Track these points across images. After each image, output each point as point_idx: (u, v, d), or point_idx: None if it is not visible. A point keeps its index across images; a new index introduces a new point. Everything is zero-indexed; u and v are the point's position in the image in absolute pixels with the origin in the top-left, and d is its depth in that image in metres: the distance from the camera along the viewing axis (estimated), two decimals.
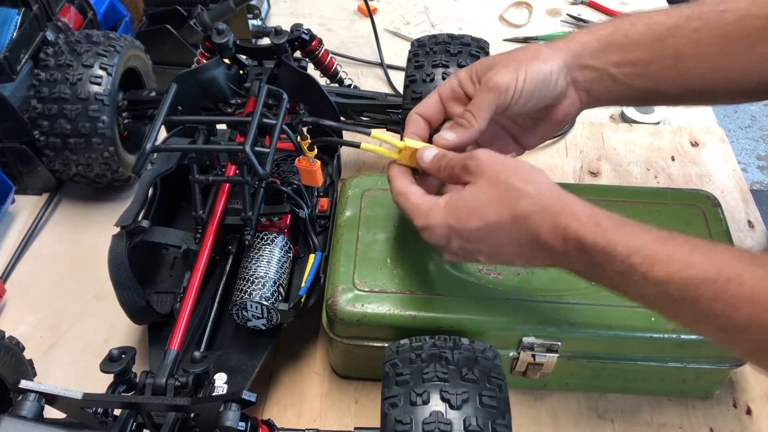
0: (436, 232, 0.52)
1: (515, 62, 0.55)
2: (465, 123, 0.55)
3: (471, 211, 0.50)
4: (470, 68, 0.57)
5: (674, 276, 0.41)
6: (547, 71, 0.55)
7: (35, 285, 0.76)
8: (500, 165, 0.50)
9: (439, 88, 0.58)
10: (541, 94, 0.56)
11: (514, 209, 0.48)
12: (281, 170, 0.69)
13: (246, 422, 0.49)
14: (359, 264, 0.62)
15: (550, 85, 0.56)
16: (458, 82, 0.57)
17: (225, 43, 0.70)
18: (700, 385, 0.63)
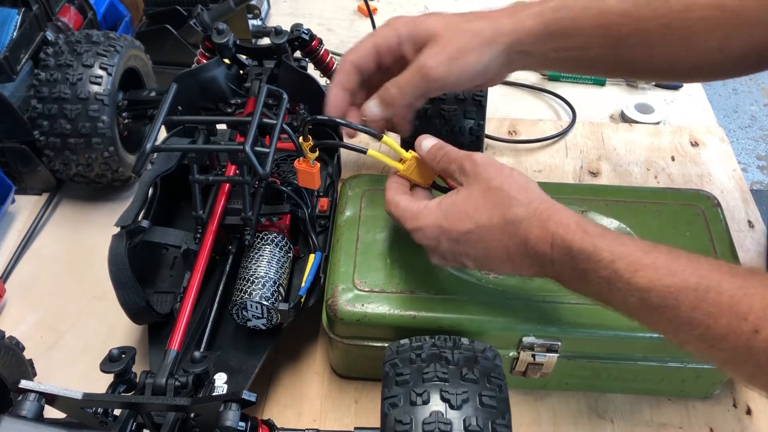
0: (427, 233, 0.53)
1: (455, 49, 0.55)
2: (389, 99, 0.57)
3: (463, 213, 0.51)
4: (412, 28, 0.58)
5: (656, 283, 0.42)
6: (483, 64, 0.56)
7: (35, 285, 0.76)
8: (495, 171, 0.52)
9: (376, 38, 0.59)
10: (475, 80, 0.58)
11: (505, 214, 0.49)
12: (281, 170, 0.69)
13: (246, 422, 0.49)
14: (359, 264, 0.62)
15: (483, 75, 0.57)
16: (398, 40, 0.58)
17: (225, 43, 0.70)
18: (700, 385, 0.63)
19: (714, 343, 0.41)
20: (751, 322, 0.38)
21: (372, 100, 0.58)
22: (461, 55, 0.55)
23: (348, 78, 0.60)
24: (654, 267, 0.43)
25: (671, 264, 0.43)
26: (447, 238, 0.52)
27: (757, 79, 2.48)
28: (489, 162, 0.52)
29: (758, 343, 0.38)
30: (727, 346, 0.40)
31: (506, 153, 0.92)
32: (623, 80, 1.04)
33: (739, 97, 2.41)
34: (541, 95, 1.02)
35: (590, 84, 1.04)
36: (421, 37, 0.57)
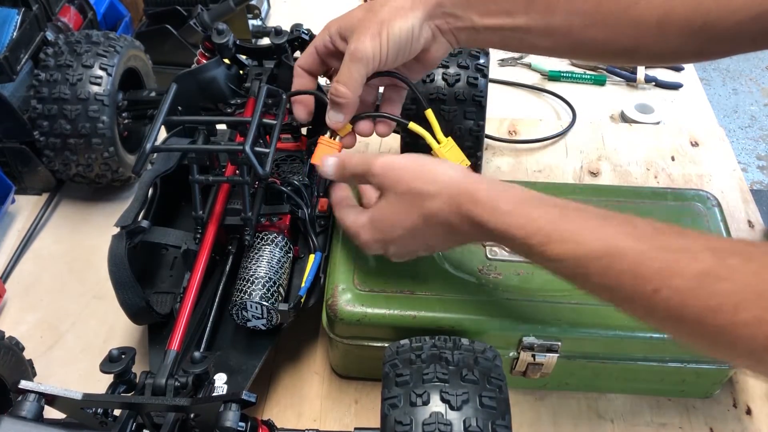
0: (373, 247, 0.57)
1: (376, 24, 0.56)
2: (341, 100, 0.58)
3: (389, 222, 0.54)
4: (338, 24, 0.59)
5: (566, 255, 0.45)
6: (408, 29, 0.56)
7: (35, 285, 0.76)
8: (399, 173, 0.53)
9: (315, 42, 0.62)
10: (406, 50, 0.57)
11: (422, 212, 0.52)
12: (281, 170, 0.69)
13: (246, 422, 0.49)
14: (359, 264, 0.62)
15: (413, 41, 0.57)
16: (330, 38, 0.60)
17: (225, 43, 0.70)
18: (700, 385, 0.63)
19: (623, 303, 0.44)
20: (652, 284, 0.41)
21: (329, 110, 0.60)
22: (384, 28, 0.55)
23: (303, 81, 0.63)
24: (562, 240, 0.45)
25: (578, 233, 0.45)
26: (390, 245, 0.56)
27: (758, 79, 2.48)
28: (390, 166, 0.54)
29: (658, 302, 0.41)
30: (633, 306, 0.43)
31: (506, 153, 0.92)
32: (623, 80, 1.04)
33: (739, 97, 2.41)
34: (541, 95, 1.02)
35: (590, 84, 1.04)
36: (348, 29, 0.58)
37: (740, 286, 0.38)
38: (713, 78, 2.48)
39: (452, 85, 0.73)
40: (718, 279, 0.38)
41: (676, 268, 0.40)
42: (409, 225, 0.53)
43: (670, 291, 0.40)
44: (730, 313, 0.37)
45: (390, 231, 0.54)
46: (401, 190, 0.53)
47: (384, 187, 0.54)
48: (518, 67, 1.07)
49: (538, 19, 0.55)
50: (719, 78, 2.48)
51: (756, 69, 2.51)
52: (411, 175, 0.53)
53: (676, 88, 1.03)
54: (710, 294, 0.38)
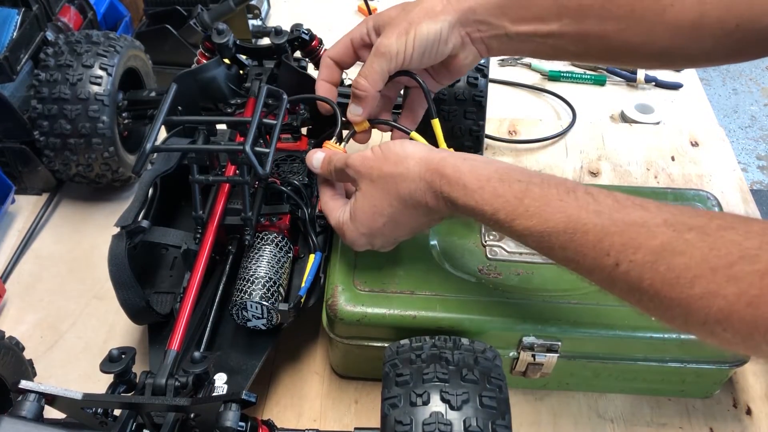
0: (359, 242, 0.57)
1: (406, 23, 0.56)
2: (362, 94, 0.59)
3: (369, 213, 0.55)
4: (377, 18, 0.60)
5: (531, 230, 0.47)
6: (436, 31, 0.56)
7: (35, 285, 0.76)
8: (371, 161, 0.54)
9: (351, 34, 0.62)
10: (432, 52, 0.58)
11: (398, 195, 0.53)
12: (281, 170, 0.69)
13: (246, 422, 0.49)
14: (359, 264, 0.62)
15: (440, 44, 0.57)
16: (367, 31, 0.61)
17: (225, 43, 0.70)
18: (700, 385, 0.63)
19: (587, 275, 0.45)
20: (612, 257, 0.42)
21: (351, 103, 0.61)
22: (412, 28, 0.56)
23: (330, 72, 0.64)
24: (528, 215, 0.47)
25: (542, 209, 0.46)
26: (375, 237, 0.56)
27: (758, 79, 2.48)
28: (362, 157, 0.55)
29: (619, 275, 0.42)
30: (596, 278, 0.45)
31: (506, 153, 0.92)
32: (623, 80, 1.04)
33: (739, 97, 2.41)
34: (541, 95, 1.02)
35: (590, 84, 1.04)
36: (381, 25, 0.59)
37: (696, 261, 0.39)
38: (713, 78, 2.48)
39: (452, 84, 0.73)
40: (674, 253, 0.40)
41: (635, 243, 0.41)
42: (389, 211, 0.54)
43: (630, 265, 0.41)
44: (685, 287, 0.39)
45: (371, 222, 0.55)
46: (374, 177, 0.54)
47: (359, 177, 0.55)
48: (518, 67, 1.07)
49: (571, 24, 0.55)
50: (719, 78, 2.48)
51: (756, 69, 2.51)
52: (380, 162, 0.54)
53: (676, 88, 1.03)
54: (668, 267, 0.40)
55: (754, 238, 0.38)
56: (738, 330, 0.37)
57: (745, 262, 0.37)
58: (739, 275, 0.37)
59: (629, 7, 0.54)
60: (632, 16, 0.54)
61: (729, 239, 0.38)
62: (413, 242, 0.64)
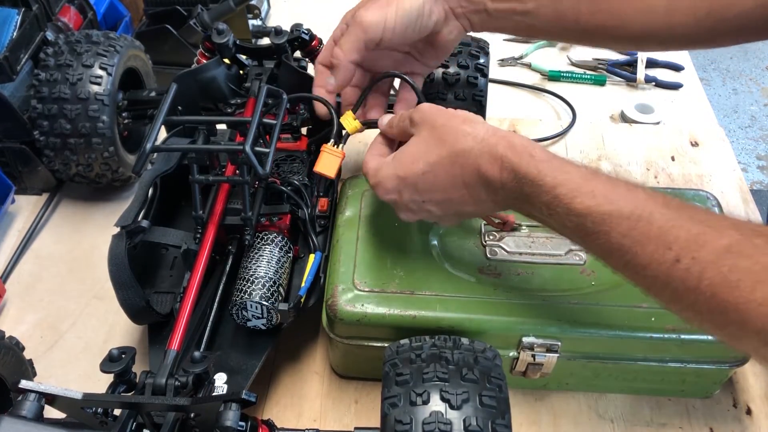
0: (387, 186, 0.54)
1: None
2: (334, 61, 0.59)
3: (414, 157, 0.53)
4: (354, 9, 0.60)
5: (593, 209, 0.45)
6: (417, 6, 0.57)
7: (35, 285, 0.76)
8: (438, 112, 0.54)
9: (333, 35, 0.62)
10: (415, 28, 0.58)
11: (453, 147, 0.51)
12: (281, 170, 0.69)
13: (246, 422, 0.49)
14: (359, 264, 0.62)
15: (423, 19, 0.58)
16: (346, 24, 0.61)
17: (225, 43, 0.70)
18: (700, 385, 0.63)
19: (639, 269, 0.43)
20: (674, 252, 0.41)
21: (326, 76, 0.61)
22: (394, 1, 0.56)
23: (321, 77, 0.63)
24: (592, 194, 0.45)
25: (609, 192, 0.45)
26: (405, 186, 0.53)
27: (757, 79, 2.48)
28: (434, 107, 0.54)
29: (677, 271, 0.41)
30: (650, 273, 0.42)
31: None
32: (623, 80, 1.04)
33: (739, 97, 2.42)
34: (541, 95, 1.02)
35: (590, 84, 1.04)
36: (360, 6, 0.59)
37: (762, 266, 0.38)
38: (713, 78, 2.48)
39: (452, 84, 0.73)
40: (740, 256, 0.38)
41: (702, 240, 0.40)
42: (434, 159, 0.51)
43: (692, 262, 0.40)
44: (747, 290, 0.37)
45: (410, 166, 0.53)
46: (438, 124, 0.52)
47: (422, 122, 0.54)
48: (518, 67, 1.07)
49: (547, 5, 0.56)
50: (719, 78, 2.48)
51: (756, 69, 2.51)
52: (450, 115, 0.53)
53: (676, 88, 1.03)
54: (731, 269, 0.38)
55: None
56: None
57: None
58: None
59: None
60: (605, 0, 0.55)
61: None
62: (413, 242, 0.64)
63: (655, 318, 0.58)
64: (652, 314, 0.58)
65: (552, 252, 0.63)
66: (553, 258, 0.63)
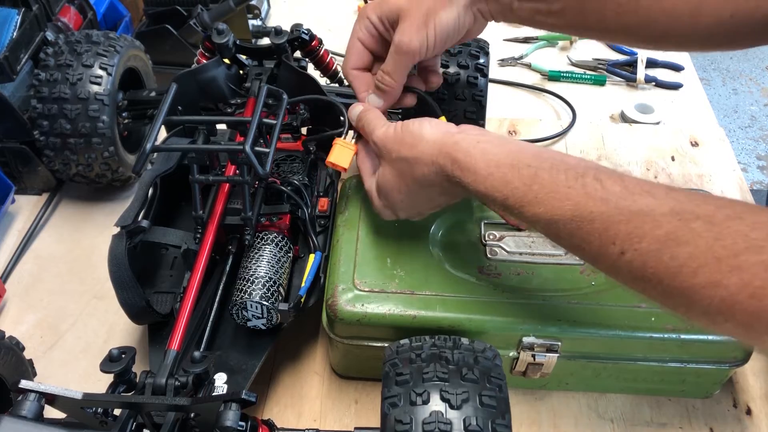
0: (384, 213, 0.61)
1: (422, 15, 0.57)
2: (386, 88, 0.61)
3: (390, 189, 0.58)
4: (379, 11, 0.61)
5: (540, 216, 0.48)
6: (454, 18, 0.58)
7: (35, 285, 0.76)
8: (388, 142, 0.57)
9: (356, 34, 0.63)
10: (453, 38, 0.60)
11: (413, 177, 0.55)
12: (281, 170, 0.69)
13: (246, 422, 0.49)
14: (359, 264, 0.62)
15: (459, 28, 0.59)
16: (372, 25, 0.61)
17: (225, 43, 0.70)
18: (700, 385, 0.63)
19: (591, 262, 0.46)
20: (618, 246, 0.43)
21: (371, 94, 0.63)
22: (430, 19, 0.57)
23: (361, 83, 0.64)
24: (536, 202, 0.48)
25: (550, 197, 0.47)
26: (398, 210, 0.59)
27: (757, 79, 2.48)
28: (383, 137, 0.57)
29: (623, 263, 0.43)
30: (601, 266, 0.46)
31: None
32: (623, 80, 1.04)
33: (739, 97, 2.42)
34: (541, 95, 1.02)
35: (590, 84, 1.04)
36: (392, 17, 0.60)
37: (700, 251, 0.39)
38: (713, 78, 2.48)
39: (452, 84, 0.73)
40: (679, 243, 0.40)
41: (640, 232, 0.42)
42: (405, 189, 0.56)
43: (634, 254, 0.42)
44: (689, 276, 0.39)
45: (392, 196, 0.58)
46: (392, 159, 0.56)
47: (381, 156, 0.58)
48: (518, 67, 1.07)
49: (573, 6, 0.57)
50: (719, 78, 2.48)
51: (756, 69, 2.51)
52: (398, 144, 0.56)
53: (676, 88, 1.03)
54: (671, 257, 0.40)
55: (762, 230, 0.38)
56: (740, 321, 0.37)
57: (750, 253, 0.37)
58: (744, 266, 0.37)
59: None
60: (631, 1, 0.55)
61: (735, 229, 0.39)
62: (413, 242, 0.64)
63: (655, 318, 0.58)
64: (652, 314, 0.58)
65: (552, 252, 0.63)
66: (553, 258, 0.63)
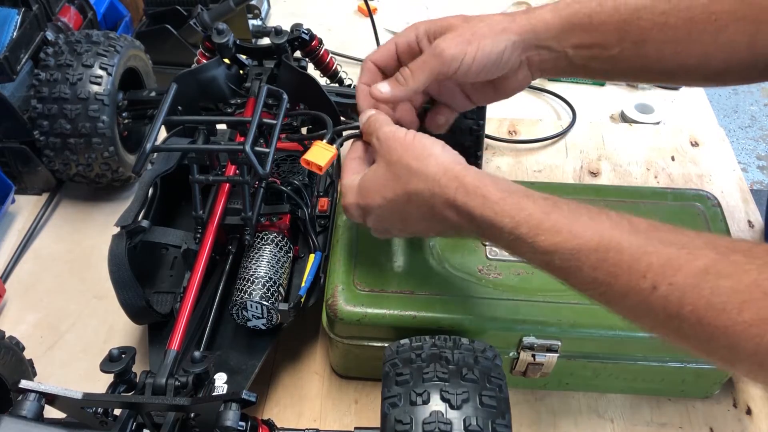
0: (352, 211, 0.55)
1: (470, 34, 0.55)
2: (401, 80, 0.57)
3: (372, 190, 0.52)
4: (429, 25, 0.58)
5: (559, 246, 0.43)
6: (500, 49, 0.55)
7: (35, 285, 0.76)
8: (395, 143, 0.52)
9: (396, 38, 0.60)
10: (492, 69, 0.57)
11: (406, 188, 0.50)
12: (281, 170, 0.69)
13: (246, 422, 0.49)
14: (359, 264, 0.62)
15: (502, 63, 0.56)
16: (416, 37, 0.59)
17: (225, 43, 0.70)
18: (700, 385, 0.63)
19: (616, 299, 0.41)
20: (649, 279, 0.39)
21: (384, 82, 0.58)
22: (476, 39, 0.55)
23: (370, 76, 0.60)
24: (555, 230, 0.43)
25: (572, 225, 0.43)
26: (368, 214, 0.54)
27: None
28: (392, 134, 0.53)
29: (656, 299, 0.39)
30: (628, 303, 0.41)
31: (506, 153, 0.92)
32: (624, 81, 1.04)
33: (739, 97, 2.41)
34: (541, 95, 1.02)
35: (590, 84, 1.04)
36: (438, 31, 0.57)
37: (745, 284, 0.36)
38: None
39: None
40: (720, 276, 0.37)
41: (676, 264, 0.38)
42: (390, 196, 0.51)
43: (670, 288, 0.38)
44: (733, 313, 0.36)
45: (369, 198, 0.53)
46: (392, 160, 0.52)
47: (379, 153, 0.53)
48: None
49: (631, 49, 0.55)
50: None
51: None
52: (404, 148, 0.52)
53: (676, 88, 1.03)
54: (713, 291, 0.36)
55: None
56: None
57: None
58: None
59: (686, 30, 0.53)
60: (689, 39, 0.54)
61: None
62: (413, 242, 0.64)
63: None
64: None
65: None
66: None
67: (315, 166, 0.57)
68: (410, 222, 0.52)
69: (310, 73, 0.72)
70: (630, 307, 0.41)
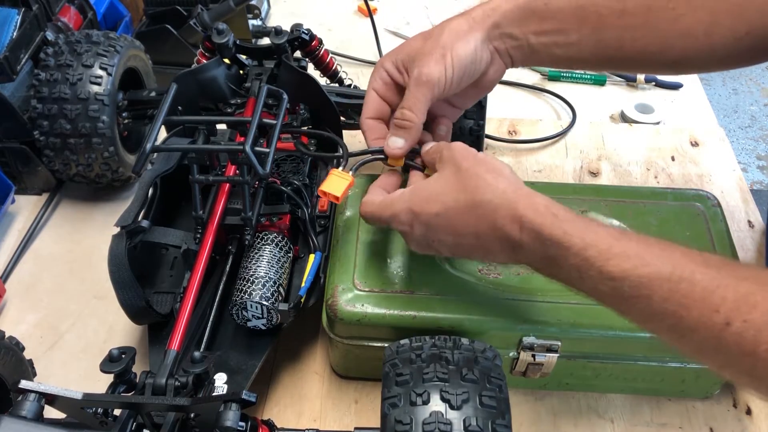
0: (400, 218, 0.52)
1: (440, 48, 0.56)
2: (407, 124, 0.57)
3: (432, 196, 0.51)
4: (394, 57, 0.59)
5: (629, 273, 0.42)
6: (471, 51, 0.56)
7: (35, 285, 0.76)
8: (467, 154, 0.52)
9: (371, 85, 0.61)
10: (471, 72, 0.57)
11: (473, 196, 0.49)
12: (281, 170, 0.69)
13: (246, 422, 0.49)
14: (359, 264, 0.62)
15: (477, 60, 0.57)
16: (387, 74, 0.59)
17: (225, 43, 0.70)
18: (700, 385, 0.63)
19: (685, 333, 0.40)
20: (722, 314, 0.38)
21: (391, 136, 0.58)
22: (447, 50, 0.55)
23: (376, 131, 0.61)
24: (626, 256, 0.42)
25: (644, 253, 0.42)
26: (418, 223, 0.52)
27: (757, 79, 2.48)
28: (464, 147, 0.53)
29: (729, 336, 0.37)
30: (698, 338, 0.39)
31: (506, 153, 0.92)
32: (623, 80, 1.04)
33: (739, 97, 2.41)
34: (541, 95, 1.02)
35: (590, 84, 1.04)
36: (407, 59, 0.58)
37: None
38: (713, 78, 2.48)
39: None
40: None
41: (752, 300, 0.37)
42: (451, 204, 0.50)
43: (744, 325, 0.37)
44: None
45: (425, 205, 0.51)
46: (463, 167, 0.50)
47: (447, 161, 0.52)
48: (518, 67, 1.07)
49: (590, 36, 0.56)
50: (719, 78, 2.48)
51: (756, 69, 2.51)
52: (476, 161, 0.51)
53: (676, 88, 1.03)
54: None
55: None
56: None
57: None
58: None
59: (644, 18, 0.54)
60: (647, 26, 0.54)
61: None
62: None
63: None
64: None
65: None
66: None
67: (332, 197, 0.57)
68: (462, 236, 0.50)
69: (310, 73, 0.72)
70: (699, 342, 0.40)
